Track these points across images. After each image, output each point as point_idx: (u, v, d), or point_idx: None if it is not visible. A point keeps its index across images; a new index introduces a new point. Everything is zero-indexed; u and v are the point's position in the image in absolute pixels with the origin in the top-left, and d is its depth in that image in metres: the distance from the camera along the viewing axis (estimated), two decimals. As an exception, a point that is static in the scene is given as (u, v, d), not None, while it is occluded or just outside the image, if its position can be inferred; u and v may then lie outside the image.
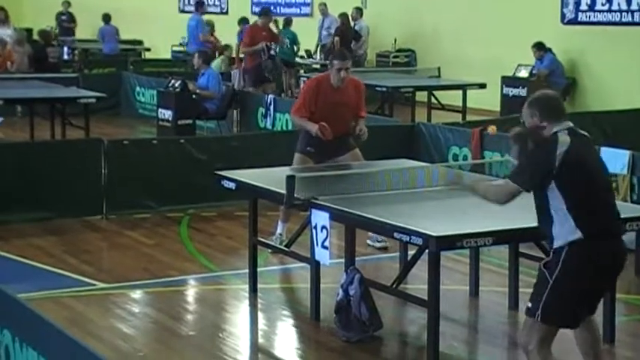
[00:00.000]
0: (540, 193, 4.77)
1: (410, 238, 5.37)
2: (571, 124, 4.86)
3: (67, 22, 23.64)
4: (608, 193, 4.92)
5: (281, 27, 18.10)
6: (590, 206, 4.72)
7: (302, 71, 17.49)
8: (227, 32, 19.29)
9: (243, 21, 18.09)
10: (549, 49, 15.73)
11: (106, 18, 21.30)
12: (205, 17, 19.51)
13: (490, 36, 17.10)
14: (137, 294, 7.18)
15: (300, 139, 7.95)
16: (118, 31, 21.40)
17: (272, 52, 14.48)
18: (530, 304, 4.81)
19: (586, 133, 4.95)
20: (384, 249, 8.12)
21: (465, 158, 10.16)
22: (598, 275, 4.74)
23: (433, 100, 14.99)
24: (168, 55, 22.34)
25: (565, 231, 4.68)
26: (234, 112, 14.37)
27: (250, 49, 14.39)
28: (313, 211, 6.11)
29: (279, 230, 8.10)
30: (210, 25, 19.09)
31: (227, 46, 18.02)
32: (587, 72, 15.91)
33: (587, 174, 4.76)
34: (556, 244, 4.72)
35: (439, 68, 16.16)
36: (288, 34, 17.78)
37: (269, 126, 13.40)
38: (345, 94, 7.85)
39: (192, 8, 23.68)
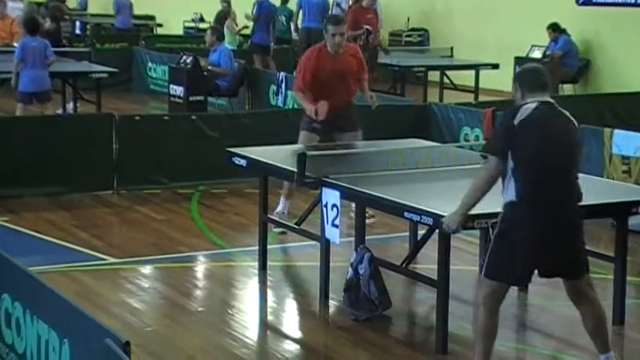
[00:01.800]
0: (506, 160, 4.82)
1: (420, 218, 5.36)
2: (547, 99, 4.86)
3: None
4: (562, 169, 4.82)
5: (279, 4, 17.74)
6: (531, 173, 4.75)
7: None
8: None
9: None
10: (564, 30, 15.62)
11: None
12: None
13: (504, 16, 16.99)
14: (147, 269, 7.20)
15: (305, 116, 7.82)
16: (132, 5, 21.28)
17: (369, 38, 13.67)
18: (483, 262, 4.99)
19: (566, 112, 4.90)
20: None
21: (477, 139, 10.13)
22: (532, 239, 4.77)
23: (445, 80, 14.94)
24: (180, 31, 22.27)
25: (508, 192, 4.81)
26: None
27: (350, 33, 13.91)
28: (324, 189, 6.10)
29: (280, 208, 8.02)
30: (227, 1, 18.89)
31: (229, 8, 17.60)
32: (601, 54, 15.81)
33: (537, 143, 4.74)
34: (502, 205, 4.88)
35: (452, 48, 16.08)
36: (284, 12, 17.66)
37: (280, 104, 13.36)
38: (344, 61, 7.69)
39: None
